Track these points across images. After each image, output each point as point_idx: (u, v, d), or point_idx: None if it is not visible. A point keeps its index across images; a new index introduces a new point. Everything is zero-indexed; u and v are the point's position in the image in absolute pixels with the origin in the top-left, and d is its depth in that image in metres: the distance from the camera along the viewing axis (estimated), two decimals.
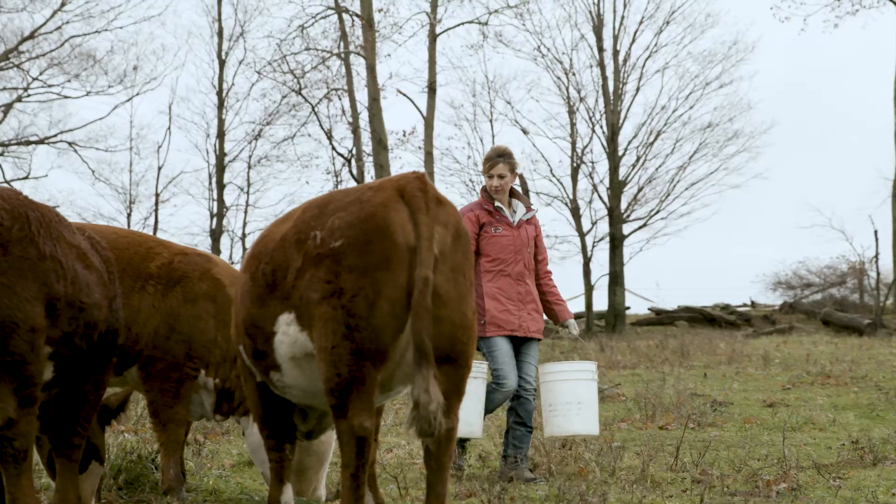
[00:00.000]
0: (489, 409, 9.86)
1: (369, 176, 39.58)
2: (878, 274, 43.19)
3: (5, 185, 16.19)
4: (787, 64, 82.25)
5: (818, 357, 23.06)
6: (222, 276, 8.25)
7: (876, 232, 41.91)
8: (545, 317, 10.30)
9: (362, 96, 39.56)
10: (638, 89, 45.44)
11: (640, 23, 45.36)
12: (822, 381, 18.37)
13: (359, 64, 39.80)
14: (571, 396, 9.77)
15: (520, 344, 10.01)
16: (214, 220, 46.52)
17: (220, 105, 46.50)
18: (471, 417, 9.53)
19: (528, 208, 10.20)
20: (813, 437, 12.25)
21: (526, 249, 10.01)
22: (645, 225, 46.02)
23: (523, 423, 9.95)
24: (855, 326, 35.93)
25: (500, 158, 10.03)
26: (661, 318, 43.55)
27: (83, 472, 7.20)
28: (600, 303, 45.58)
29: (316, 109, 41.19)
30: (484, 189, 10.16)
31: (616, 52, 45.19)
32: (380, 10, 38.74)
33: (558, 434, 9.93)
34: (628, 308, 46.54)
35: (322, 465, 8.10)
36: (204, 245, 45.82)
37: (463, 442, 9.98)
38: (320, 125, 41.65)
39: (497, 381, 9.79)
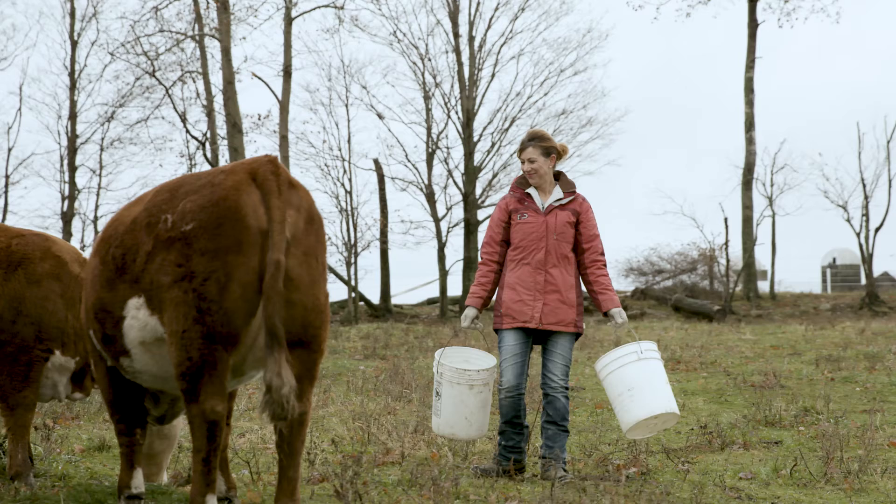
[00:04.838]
0: (500, 412, 9.33)
1: (224, 159, 39.36)
2: (728, 261, 43.97)
3: None
4: (642, 53, 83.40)
5: (669, 343, 23.36)
6: (63, 254, 8.12)
7: (726, 219, 42.72)
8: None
9: (217, 79, 39.38)
10: (493, 75, 45.58)
11: (496, 9, 45.51)
12: (672, 366, 18.60)
13: (213, 46, 39.57)
14: (621, 387, 9.16)
15: (544, 338, 9.47)
16: (66, 202, 45.79)
17: (73, 86, 45.79)
18: (471, 419, 9.26)
19: (568, 192, 9.62)
20: None
21: (552, 236, 9.41)
22: None
23: (552, 421, 9.28)
24: (705, 313, 36.53)
25: (529, 142, 9.54)
26: None
27: None
28: (455, 288, 45.73)
29: (170, 92, 40.78)
30: (520, 176, 9.73)
31: (472, 38, 45.27)
32: None
33: (626, 432, 9.19)
34: None
35: (172, 448, 8.05)
36: (55, 228, 45.22)
37: (522, 429, 9.39)
38: (174, 108, 41.22)
39: (500, 378, 9.35)
